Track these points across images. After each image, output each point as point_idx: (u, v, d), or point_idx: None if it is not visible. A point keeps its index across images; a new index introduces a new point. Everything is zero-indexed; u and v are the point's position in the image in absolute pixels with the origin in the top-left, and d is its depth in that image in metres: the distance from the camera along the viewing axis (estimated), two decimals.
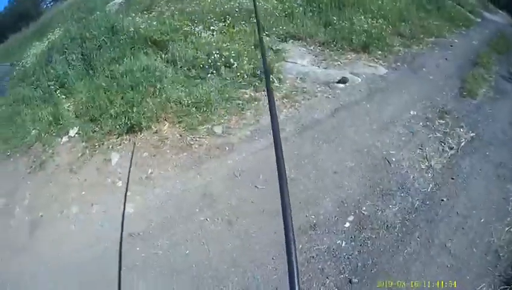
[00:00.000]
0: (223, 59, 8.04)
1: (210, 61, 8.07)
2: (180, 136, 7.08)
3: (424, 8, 11.58)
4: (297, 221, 4.99)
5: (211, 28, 9.08)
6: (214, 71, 7.94)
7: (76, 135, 8.19)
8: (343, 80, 7.61)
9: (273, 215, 5.21)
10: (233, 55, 8.06)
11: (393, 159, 5.84)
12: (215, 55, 8.12)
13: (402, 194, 5.27)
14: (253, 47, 8.29)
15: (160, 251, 5.33)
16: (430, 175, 5.57)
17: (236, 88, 7.63)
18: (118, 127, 7.61)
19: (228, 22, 9.14)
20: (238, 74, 7.79)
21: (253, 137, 6.75)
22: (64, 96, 9.19)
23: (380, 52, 8.65)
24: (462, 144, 6.34)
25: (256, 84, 7.60)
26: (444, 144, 6.25)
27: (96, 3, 12.31)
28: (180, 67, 8.30)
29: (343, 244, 4.74)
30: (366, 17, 9.30)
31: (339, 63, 8.35)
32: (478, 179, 5.69)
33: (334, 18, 9.18)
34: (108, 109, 7.95)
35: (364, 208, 5.12)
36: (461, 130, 6.66)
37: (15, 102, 10.29)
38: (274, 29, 8.83)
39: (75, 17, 11.78)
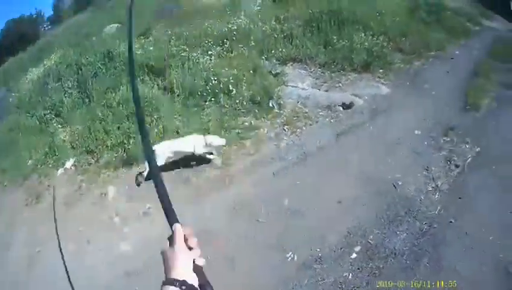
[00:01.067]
0: (221, 86, 7.84)
1: (208, 88, 7.88)
2: (178, 168, 6.85)
3: (424, 21, 11.29)
4: (302, 256, 4.79)
5: (209, 52, 8.91)
6: (212, 99, 7.76)
7: (72, 167, 8.05)
8: (348, 105, 7.41)
9: (276, 251, 4.96)
10: (231, 81, 7.84)
11: (400, 183, 5.57)
12: (213, 81, 7.94)
13: (409, 219, 5.01)
14: (251, 72, 8.09)
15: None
16: (437, 197, 5.30)
17: (236, 116, 7.43)
18: (114, 159, 7.43)
19: (226, 46, 8.97)
20: (237, 101, 7.59)
21: (253, 167, 6.53)
22: (60, 126, 9.05)
23: (381, 70, 8.42)
24: (468, 160, 5.99)
25: (256, 110, 7.41)
26: (450, 162, 5.93)
27: (92, 28, 12.13)
28: (178, 95, 8.12)
29: (350, 277, 4.52)
30: (367, 35, 9.05)
31: (340, 84, 8.12)
32: (485, 195, 5.34)
33: (334, 37, 8.94)
34: (105, 140, 7.79)
35: (371, 237, 4.88)
36: (466, 146, 6.29)
37: (11, 130, 10.11)
38: (273, 52, 8.62)
39: (72, 42, 11.67)
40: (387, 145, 6.38)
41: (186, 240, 1.18)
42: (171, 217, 1.24)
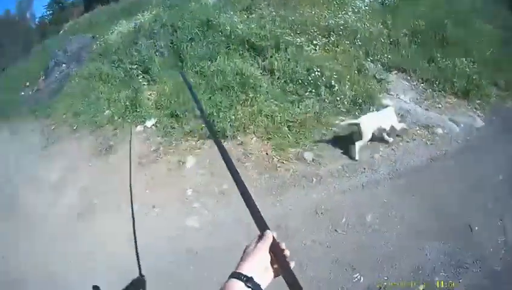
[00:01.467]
0: (323, 78, 7.42)
1: (310, 78, 7.47)
2: (267, 154, 6.55)
3: None
4: (368, 280, 4.53)
5: (314, 42, 8.48)
6: (313, 90, 7.34)
7: (153, 127, 7.89)
8: None
9: (345, 268, 4.71)
10: (335, 76, 7.41)
11: (476, 228, 5.12)
12: (316, 72, 7.51)
13: (474, 270, 4.62)
14: (356, 72, 7.67)
15: (214, 273, 4.70)
16: (503, 252, 4.83)
17: (335, 114, 6.99)
18: (200, 129, 7.14)
19: (332, 39, 8.53)
20: (338, 98, 7.16)
21: (344, 172, 6.11)
22: (146, 83, 8.93)
23: (478, 101, 7.81)
24: None
25: (357, 113, 6.91)
26: None
27: None
28: (278, 78, 7.76)
29: None
30: (468, 60, 8.55)
31: (440, 106, 7.58)
32: None
33: (438, 55, 8.41)
34: (193, 108, 7.43)
35: (436, 279, 4.52)
36: None
37: (91, 77, 10.08)
38: (379, 56, 8.17)
39: (168, 3, 11.66)
40: (472, 183, 5.83)
41: (275, 245, 1.17)
42: (260, 223, 1.25)
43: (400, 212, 5.30)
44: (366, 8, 9.47)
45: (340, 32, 8.62)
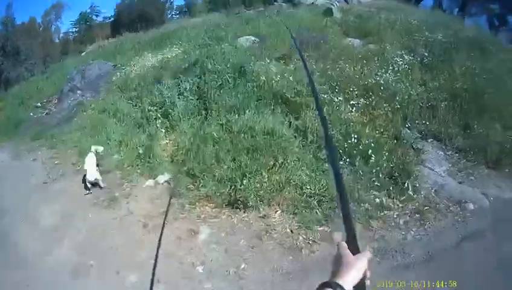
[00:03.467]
0: (360, 147, 6.98)
1: (346, 145, 7.01)
2: (291, 232, 6.09)
3: None
4: None
5: (351, 102, 8.11)
6: (348, 159, 6.87)
7: (165, 184, 7.45)
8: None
9: None
10: (372, 145, 6.98)
11: None
12: (353, 139, 7.08)
13: None
14: (395, 141, 7.29)
15: None
16: None
17: (368, 188, 6.52)
18: (218, 194, 6.64)
19: (370, 100, 8.15)
20: (374, 170, 6.68)
21: (374, 256, 5.48)
22: (164, 130, 8.58)
23: (507, 170, 7.46)
24: None
25: (391, 188, 6.50)
26: None
27: (226, 34, 11.69)
28: (310, 142, 7.30)
29: None
30: (504, 128, 8.13)
31: (473, 177, 7.22)
32: None
33: (475, 122, 8.03)
34: (213, 168, 7.03)
35: None
36: None
37: (105, 111, 9.74)
38: (417, 122, 7.85)
39: (200, 41, 11.37)
40: (500, 268, 5.31)
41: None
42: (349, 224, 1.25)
43: None
44: (406, 66, 9.22)
45: (380, 93, 8.28)
